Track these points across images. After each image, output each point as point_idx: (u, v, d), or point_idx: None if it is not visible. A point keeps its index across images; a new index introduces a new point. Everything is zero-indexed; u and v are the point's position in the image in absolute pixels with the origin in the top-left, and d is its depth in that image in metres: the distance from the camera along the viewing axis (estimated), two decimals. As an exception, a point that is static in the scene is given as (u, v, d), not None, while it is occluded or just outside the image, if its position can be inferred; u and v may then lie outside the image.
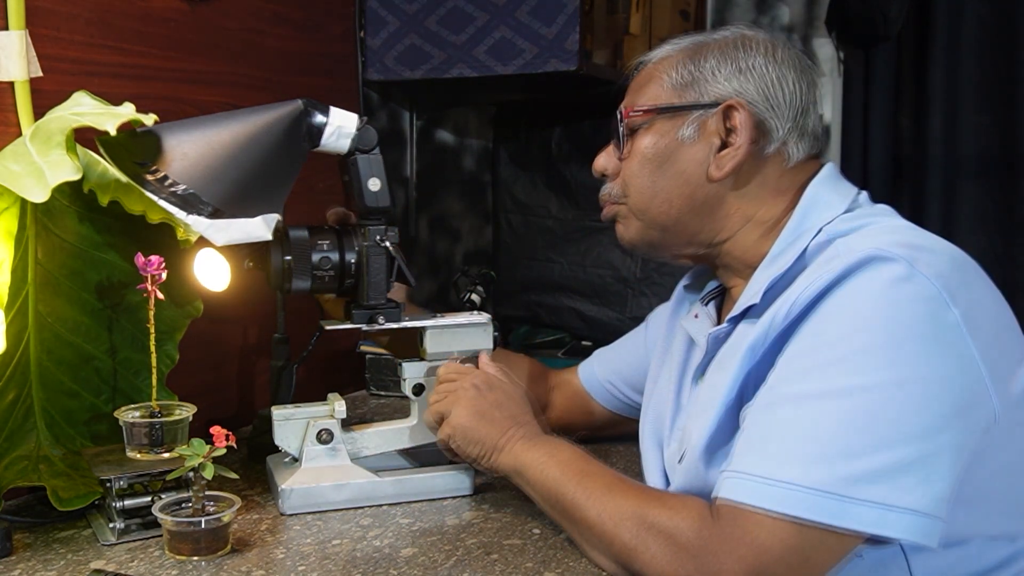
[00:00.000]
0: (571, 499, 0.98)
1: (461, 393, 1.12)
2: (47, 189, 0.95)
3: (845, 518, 0.81)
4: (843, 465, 0.81)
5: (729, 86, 1.03)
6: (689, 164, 1.04)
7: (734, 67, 1.04)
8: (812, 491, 0.82)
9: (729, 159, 1.02)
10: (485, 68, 1.72)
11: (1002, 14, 2.04)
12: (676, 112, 1.05)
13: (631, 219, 1.10)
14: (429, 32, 1.75)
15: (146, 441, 1.09)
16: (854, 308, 0.86)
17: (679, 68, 1.06)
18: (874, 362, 0.84)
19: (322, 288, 1.17)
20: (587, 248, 2.19)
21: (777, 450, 0.85)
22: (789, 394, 0.87)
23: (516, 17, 1.68)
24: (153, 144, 1.10)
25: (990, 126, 2.06)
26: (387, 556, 1.01)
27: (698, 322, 1.13)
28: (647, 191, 1.06)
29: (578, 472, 1.00)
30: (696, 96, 1.04)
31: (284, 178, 1.14)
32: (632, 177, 1.07)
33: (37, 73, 1.16)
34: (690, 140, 1.04)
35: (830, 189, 1.02)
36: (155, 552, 1.02)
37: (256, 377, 1.56)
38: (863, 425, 0.82)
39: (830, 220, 0.98)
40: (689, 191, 1.05)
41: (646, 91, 1.08)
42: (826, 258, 0.91)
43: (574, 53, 1.64)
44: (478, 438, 1.09)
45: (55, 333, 1.15)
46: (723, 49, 1.05)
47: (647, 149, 1.06)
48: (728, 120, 1.02)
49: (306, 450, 1.17)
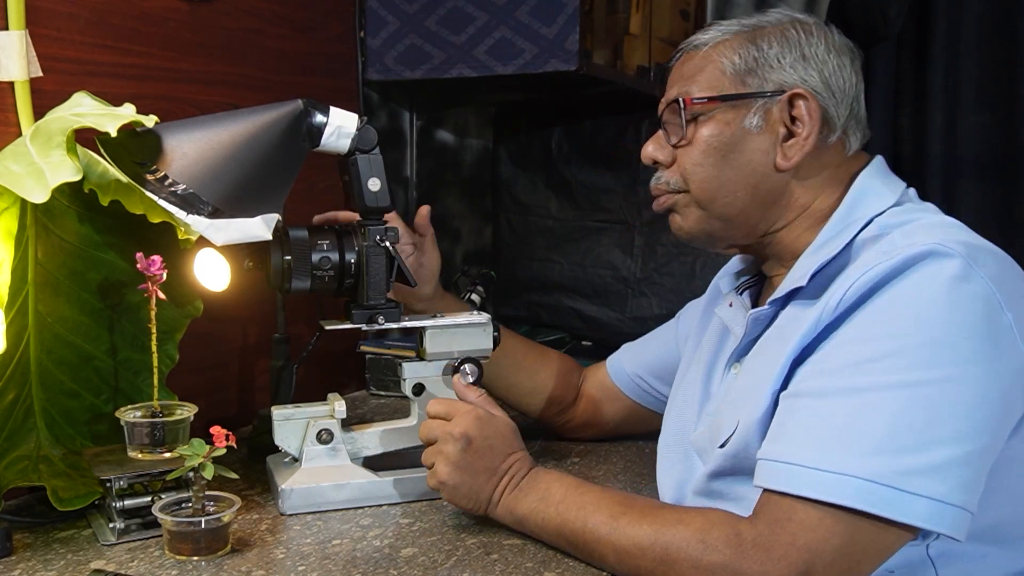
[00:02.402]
0: (581, 540, 0.97)
1: (443, 446, 1.08)
2: (47, 190, 0.95)
3: (901, 511, 0.81)
4: (899, 458, 0.81)
5: (794, 74, 1.01)
6: (756, 154, 1.02)
7: (798, 54, 1.02)
8: (869, 482, 0.81)
9: (797, 149, 1.01)
10: (485, 68, 1.71)
11: (1002, 14, 2.03)
12: (740, 100, 1.02)
13: (691, 209, 1.07)
14: (429, 32, 1.75)
15: (147, 441, 1.09)
16: (913, 302, 0.85)
17: (740, 54, 1.03)
18: (932, 358, 0.83)
19: (322, 288, 1.17)
20: (587, 248, 2.19)
21: (831, 440, 0.84)
22: (844, 384, 0.86)
23: (516, 17, 1.68)
24: (153, 144, 1.10)
25: (990, 126, 2.06)
26: (387, 556, 1.01)
27: (733, 310, 1.12)
28: (712, 181, 1.04)
29: (578, 509, 0.99)
30: (759, 83, 1.02)
31: (284, 178, 1.14)
32: (695, 167, 1.04)
33: (37, 73, 1.16)
34: (756, 130, 1.02)
35: (880, 181, 1.02)
36: (155, 552, 1.02)
37: (256, 377, 1.56)
38: (919, 420, 0.82)
39: (880, 212, 0.98)
40: (755, 182, 1.03)
41: (703, 77, 1.04)
42: (882, 248, 0.90)
43: (574, 53, 1.64)
44: (467, 494, 1.07)
45: (55, 333, 1.15)
46: (783, 35, 1.03)
47: (712, 138, 1.03)
48: (792, 108, 1.01)
49: (306, 450, 1.17)
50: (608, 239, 2.15)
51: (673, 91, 1.07)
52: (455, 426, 1.08)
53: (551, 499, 1.02)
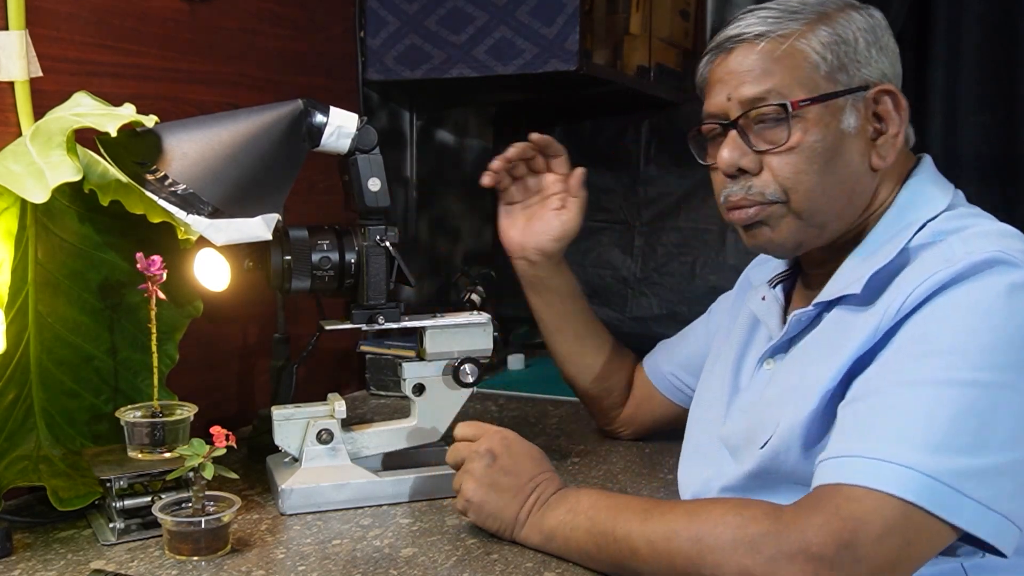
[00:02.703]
0: (612, 540, 0.93)
1: (469, 464, 1.06)
2: (47, 190, 0.95)
3: (954, 512, 0.78)
4: (957, 457, 0.79)
5: (878, 68, 0.97)
6: (855, 156, 0.97)
7: (877, 46, 0.97)
8: (928, 477, 0.78)
9: (891, 148, 0.97)
10: (485, 68, 1.71)
11: (1002, 14, 2.03)
12: (835, 99, 0.96)
13: (788, 220, 0.98)
14: (429, 32, 1.75)
15: (147, 441, 1.09)
16: (974, 307, 0.83)
17: (830, 47, 0.95)
18: (995, 361, 0.81)
19: (322, 288, 1.17)
20: (587, 248, 2.19)
21: (890, 432, 0.82)
22: (904, 379, 0.84)
23: (516, 17, 1.68)
24: (153, 144, 1.10)
25: (990, 126, 2.06)
26: (387, 556, 1.01)
27: (766, 304, 1.09)
28: (816, 190, 0.96)
29: (608, 511, 0.95)
30: (848, 80, 0.96)
31: (284, 178, 1.14)
32: (800, 175, 0.96)
33: (37, 73, 1.16)
34: (853, 130, 0.96)
35: (932, 183, 0.99)
36: (155, 552, 1.02)
37: (256, 377, 1.56)
38: (978, 421, 0.80)
39: (933, 216, 0.95)
40: (851, 185, 0.97)
41: (795, 75, 0.96)
42: (943, 255, 0.88)
43: (574, 53, 1.64)
44: (492, 512, 1.03)
45: (55, 333, 1.15)
46: (858, 22, 0.97)
47: (816, 143, 0.95)
48: (877, 104, 0.97)
49: (306, 450, 1.17)
50: (608, 239, 2.15)
51: (755, 89, 0.96)
52: (481, 444, 1.06)
53: (580, 508, 0.98)
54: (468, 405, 1.27)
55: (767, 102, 0.96)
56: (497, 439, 1.07)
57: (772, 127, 0.96)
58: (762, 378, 1.04)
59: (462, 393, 1.24)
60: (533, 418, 1.60)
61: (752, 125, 0.97)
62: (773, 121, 0.96)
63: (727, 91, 0.98)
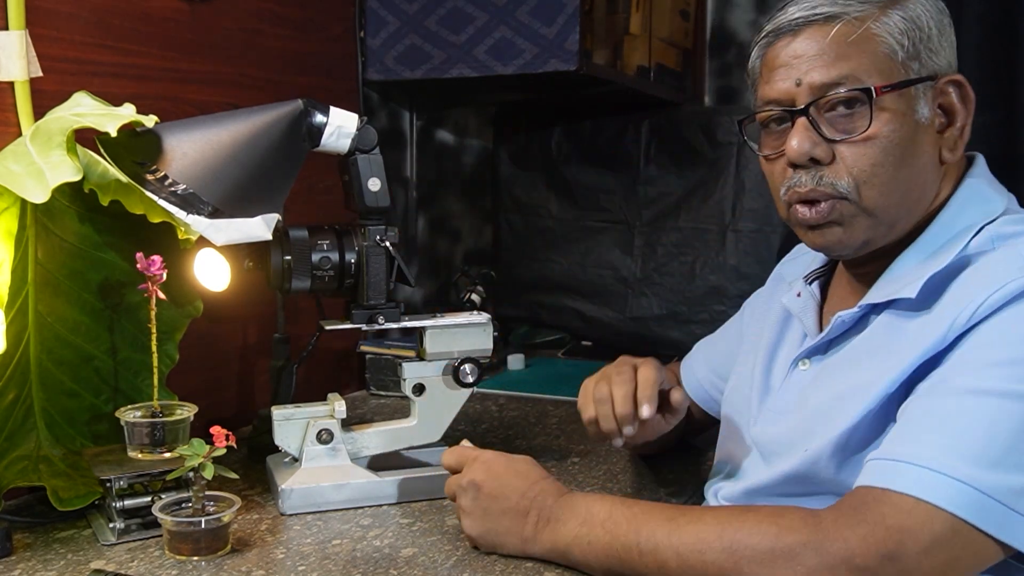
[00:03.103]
0: (637, 554, 0.87)
1: (459, 500, 1.02)
2: (47, 190, 0.95)
3: (1005, 530, 0.76)
4: (1014, 474, 0.76)
5: (946, 57, 0.93)
6: (928, 148, 0.92)
7: (943, 34, 0.93)
8: (981, 493, 0.75)
9: (959, 141, 0.93)
10: (485, 68, 1.72)
11: (1002, 14, 2.03)
12: (910, 88, 0.91)
13: (860, 219, 0.92)
14: (429, 32, 1.75)
15: (147, 441, 1.09)
16: None
17: (906, 32, 0.90)
18: None
19: (322, 288, 1.17)
20: (587, 248, 2.19)
21: (947, 441, 0.78)
22: (966, 386, 0.80)
23: (516, 17, 1.68)
24: (153, 144, 1.10)
25: (990, 126, 2.06)
26: (387, 556, 1.01)
27: (801, 301, 1.04)
28: (890, 184, 0.91)
29: (628, 522, 0.89)
30: (919, 68, 0.91)
31: (284, 178, 1.15)
32: (876, 167, 0.90)
33: (37, 73, 1.16)
34: (926, 122, 0.91)
35: (988, 184, 0.96)
36: (155, 552, 1.02)
37: (256, 377, 1.56)
38: None
39: (991, 219, 0.90)
40: (922, 181, 0.92)
41: (872, 60, 0.90)
42: (1012, 261, 0.84)
43: (574, 53, 1.64)
44: (495, 541, 0.99)
45: (55, 333, 1.15)
46: (931, 9, 0.92)
47: (893, 134, 0.90)
48: (943, 95, 0.93)
49: (306, 450, 1.17)
50: (608, 239, 2.15)
51: (829, 74, 0.90)
52: (463, 476, 1.02)
53: (595, 519, 0.92)
54: (468, 405, 1.27)
55: (844, 87, 0.90)
56: (477, 466, 1.02)
57: (847, 115, 0.90)
58: (798, 380, 0.99)
59: (462, 393, 1.24)
60: (533, 418, 1.60)
61: (824, 113, 0.91)
62: (847, 108, 0.90)
63: (795, 75, 0.92)
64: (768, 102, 0.96)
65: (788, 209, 0.96)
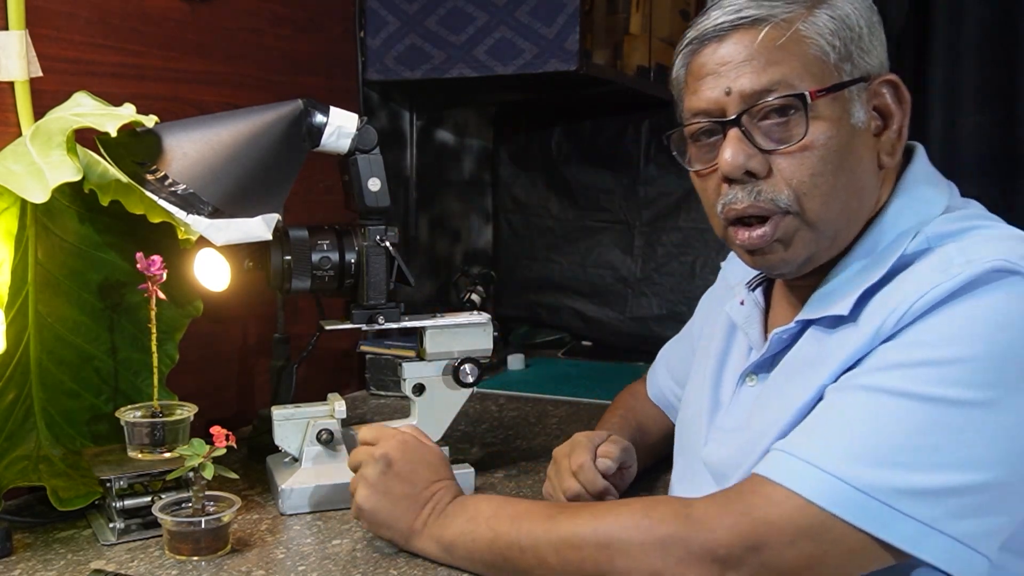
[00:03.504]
0: (518, 551, 0.88)
1: (364, 469, 1.01)
2: (47, 190, 0.95)
3: (884, 529, 0.74)
4: (899, 473, 0.74)
5: (878, 57, 0.89)
6: (866, 153, 0.88)
7: (873, 32, 0.89)
8: (856, 490, 0.75)
9: (896, 144, 0.89)
10: (485, 68, 1.72)
11: (1002, 14, 2.03)
12: (843, 91, 0.86)
13: (802, 234, 0.87)
14: (429, 32, 1.75)
15: (147, 441, 1.09)
16: (969, 318, 0.76)
17: (836, 33, 0.86)
18: (969, 377, 0.75)
19: (322, 288, 1.17)
20: (587, 248, 2.19)
21: (829, 436, 0.78)
22: (866, 384, 0.79)
23: (516, 17, 1.68)
24: (153, 144, 1.10)
25: (990, 126, 2.06)
26: (387, 556, 1.01)
27: (744, 310, 1.01)
28: (831, 194, 0.86)
29: (511, 520, 0.90)
30: (852, 70, 0.87)
31: (284, 178, 1.15)
32: (814, 177, 0.85)
33: (37, 73, 1.16)
34: (862, 126, 0.87)
35: (925, 182, 0.90)
36: (155, 552, 1.02)
37: (256, 377, 1.56)
38: (937, 439, 0.75)
39: (927, 221, 0.86)
40: (863, 186, 0.88)
41: (803, 63, 0.85)
42: (938, 266, 0.81)
43: (574, 53, 1.64)
44: (385, 520, 0.99)
45: (55, 333, 1.15)
46: (860, 8, 0.88)
47: (830, 140, 0.85)
48: (877, 97, 0.89)
49: (306, 450, 1.17)
50: (608, 239, 2.15)
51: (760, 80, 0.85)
52: (378, 448, 1.01)
53: (480, 517, 0.93)
54: (468, 405, 1.27)
55: (777, 94, 0.85)
56: (395, 443, 1.02)
57: (781, 123, 0.85)
58: (746, 396, 0.96)
59: (462, 393, 1.24)
60: (533, 418, 1.60)
61: (756, 122, 0.86)
62: (781, 116, 0.85)
63: (724, 84, 0.87)
64: (696, 113, 0.90)
65: (725, 229, 0.91)
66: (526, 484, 1.24)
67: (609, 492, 1.04)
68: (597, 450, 1.07)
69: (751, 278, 1.03)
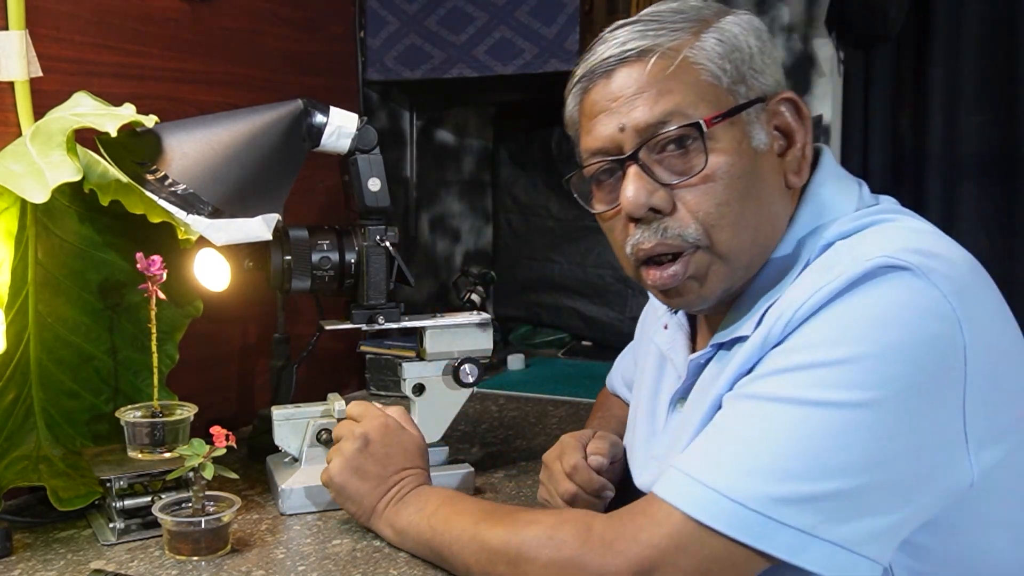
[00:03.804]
0: (448, 552, 0.91)
1: (342, 443, 1.04)
2: (47, 190, 0.95)
3: (763, 540, 0.72)
4: (779, 484, 0.72)
5: (772, 76, 0.87)
6: (772, 175, 0.86)
7: (765, 51, 0.87)
8: (736, 503, 0.73)
9: (802, 162, 0.87)
10: (485, 68, 1.72)
11: (1002, 14, 2.04)
12: (740, 114, 0.84)
13: (715, 269, 0.85)
14: (429, 32, 1.75)
15: (148, 441, 1.09)
16: (851, 318, 0.75)
17: (725, 57, 0.84)
18: (849, 378, 0.73)
19: (322, 288, 1.17)
20: (587, 248, 2.19)
21: (715, 450, 0.77)
22: (749, 392, 0.78)
23: (516, 17, 1.68)
24: (153, 144, 1.10)
25: (990, 126, 2.06)
26: (387, 556, 1.01)
27: (669, 335, 1.00)
28: (740, 223, 0.83)
29: (444, 520, 0.93)
30: (747, 92, 0.85)
31: (284, 178, 1.15)
32: (720, 207, 0.83)
33: (37, 73, 1.16)
34: (764, 148, 0.85)
35: (828, 190, 0.88)
36: (155, 552, 1.02)
37: (256, 377, 1.56)
38: (812, 444, 0.73)
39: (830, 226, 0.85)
40: (772, 210, 0.85)
41: (696, 91, 0.83)
42: (826, 264, 0.79)
43: (574, 53, 1.64)
44: (352, 495, 1.02)
45: (55, 333, 1.15)
46: (748, 29, 0.87)
47: (732, 168, 0.83)
48: (777, 116, 0.87)
49: (306, 450, 1.17)
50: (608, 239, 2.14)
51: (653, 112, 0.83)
52: (360, 426, 1.05)
53: (426, 511, 0.96)
54: (468, 405, 1.27)
55: (672, 125, 0.82)
56: (376, 423, 1.05)
57: (680, 154, 0.83)
58: (675, 422, 0.95)
59: (462, 393, 1.24)
60: (533, 418, 1.60)
61: (655, 155, 0.84)
62: (679, 147, 0.83)
63: (617, 120, 0.85)
64: (594, 153, 0.88)
65: (637, 269, 0.89)
66: (526, 484, 1.24)
67: (606, 488, 1.04)
68: (587, 448, 1.08)
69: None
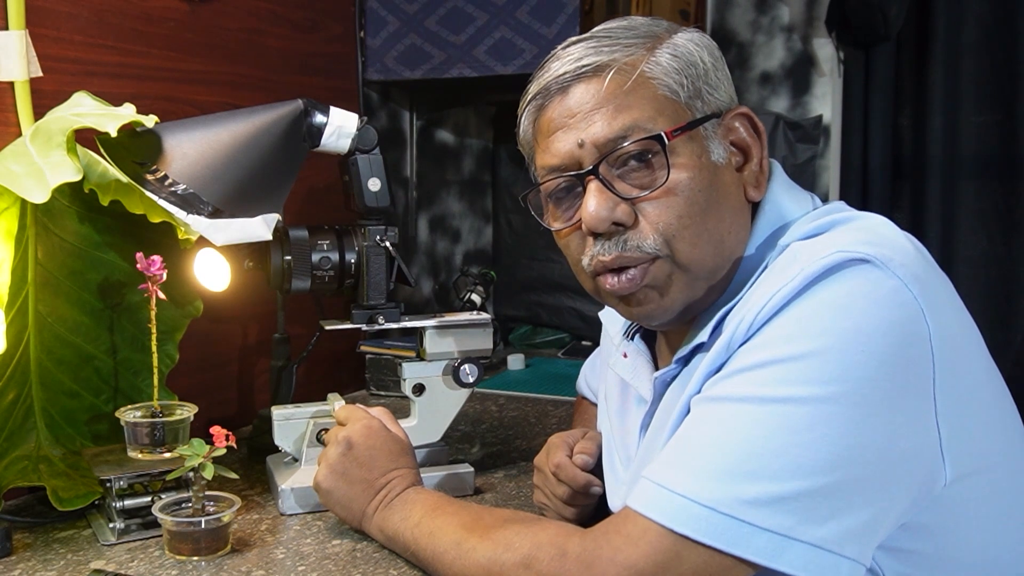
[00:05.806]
0: (430, 561, 0.91)
1: (328, 448, 1.05)
2: (47, 190, 0.95)
3: (739, 545, 0.71)
4: (749, 485, 0.71)
5: (726, 92, 0.87)
6: (732, 189, 0.86)
7: (718, 68, 0.87)
8: (707, 508, 0.71)
9: (760, 175, 0.88)
10: (485, 68, 1.72)
11: (1002, 14, 2.04)
12: (697, 129, 0.84)
13: (676, 278, 0.85)
14: (429, 32, 1.75)
15: (148, 441, 1.09)
16: (810, 313, 0.74)
17: (682, 72, 0.84)
18: (812, 372, 0.72)
19: (322, 288, 1.17)
20: (587, 248, 2.19)
21: (682, 456, 0.76)
22: (712, 395, 0.77)
23: (516, 17, 1.68)
24: (153, 144, 1.10)
25: (990, 126, 2.06)
26: (387, 556, 1.01)
27: (629, 363, 0.97)
28: (701, 236, 0.83)
29: (427, 534, 0.92)
30: (702, 106, 0.85)
31: (284, 178, 1.15)
32: (681, 219, 0.82)
33: (37, 73, 1.16)
34: (723, 162, 0.85)
35: (787, 197, 0.89)
36: (155, 552, 1.02)
37: (256, 377, 1.57)
38: (782, 442, 0.71)
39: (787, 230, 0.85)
40: (733, 224, 0.86)
41: (654, 105, 0.83)
42: (784, 265, 0.79)
43: (574, 53, 1.64)
44: (340, 500, 1.03)
45: (55, 333, 1.15)
46: (701, 45, 0.87)
47: (693, 181, 0.83)
48: (732, 131, 0.87)
49: (306, 450, 1.17)
50: (608, 239, 2.14)
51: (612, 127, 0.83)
52: (343, 430, 1.05)
53: (410, 520, 0.96)
54: (468, 405, 1.27)
55: (632, 139, 0.82)
56: (359, 427, 1.05)
57: (641, 168, 0.83)
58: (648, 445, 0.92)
59: (462, 393, 1.24)
60: (533, 418, 1.60)
61: (615, 170, 0.84)
62: (639, 161, 0.83)
63: (576, 136, 0.84)
64: (552, 170, 0.87)
65: (594, 281, 0.87)
66: (526, 484, 1.24)
67: (592, 484, 1.04)
68: (574, 448, 1.07)
69: (627, 327, 1.01)
